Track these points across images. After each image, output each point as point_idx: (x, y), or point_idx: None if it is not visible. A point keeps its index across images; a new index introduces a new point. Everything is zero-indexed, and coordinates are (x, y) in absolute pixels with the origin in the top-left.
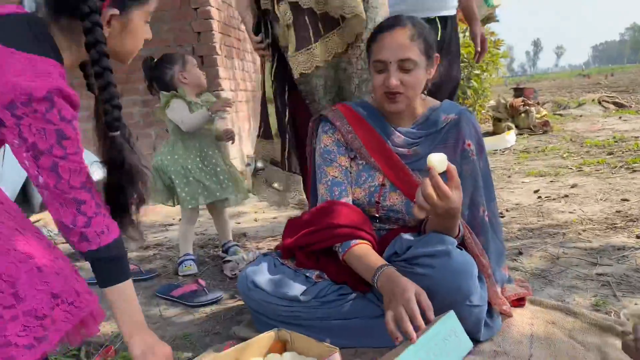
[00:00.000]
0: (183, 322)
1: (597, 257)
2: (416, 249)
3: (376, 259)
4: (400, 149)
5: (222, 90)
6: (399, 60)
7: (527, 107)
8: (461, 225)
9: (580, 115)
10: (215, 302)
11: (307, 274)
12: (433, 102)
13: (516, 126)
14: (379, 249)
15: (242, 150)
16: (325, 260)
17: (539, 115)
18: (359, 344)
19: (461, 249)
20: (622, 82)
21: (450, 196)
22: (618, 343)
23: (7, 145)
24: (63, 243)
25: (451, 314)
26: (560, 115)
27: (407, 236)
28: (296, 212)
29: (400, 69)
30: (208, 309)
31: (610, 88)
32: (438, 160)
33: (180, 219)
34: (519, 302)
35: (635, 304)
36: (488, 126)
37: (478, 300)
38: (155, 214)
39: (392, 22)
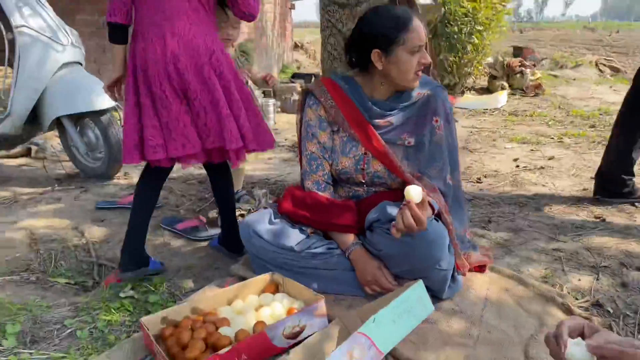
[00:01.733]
0: (186, 254)
1: (556, 232)
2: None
3: (350, 238)
4: (376, 120)
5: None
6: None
7: (523, 69)
8: (437, 203)
9: (574, 79)
10: (214, 238)
11: (303, 227)
12: None
13: (510, 86)
14: (366, 208)
15: None
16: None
17: (533, 78)
18: (340, 291)
19: (437, 221)
20: (624, 42)
21: (424, 220)
22: (557, 312)
23: (21, 55)
24: (67, 161)
25: (420, 283)
26: (555, 76)
27: (391, 207)
28: (289, 155)
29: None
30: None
31: (612, 47)
32: (415, 194)
33: None
34: (480, 268)
35: (579, 280)
36: (483, 82)
37: (446, 265)
38: None
39: (409, 13)
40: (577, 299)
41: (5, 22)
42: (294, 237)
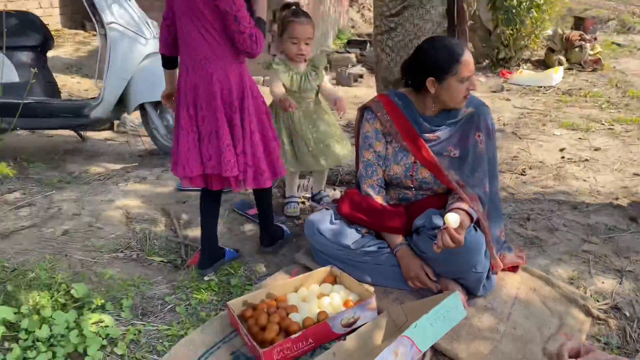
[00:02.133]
0: (257, 238)
1: (588, 233)
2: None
3: (398, 239)
4: (426, 134)
5: None
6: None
7: (582, 42)
8: (476, 212)
9: (639, 49)
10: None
11: (358, 227)
12: None
13: (567, 60)
14: (414, 212)
15: None
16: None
17: (592, 52)
18: (387, 285)
19: (476, 229)
20: None
21: (461, 239)
22: (578, 313)
23: (112, 49)
24: (145, 136)
25: (456, 294)
26: (619, 45)
27: (436, 217)
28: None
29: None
30: None
31: None
32: (453, 220)
33: None
34: (513, 268)
35: (602, 282)
36: (541, 54)
37: (481, 269)
38: None
39: (461, 46)
40: (597, 301)
41: (98, 19)
42: (351, 236)
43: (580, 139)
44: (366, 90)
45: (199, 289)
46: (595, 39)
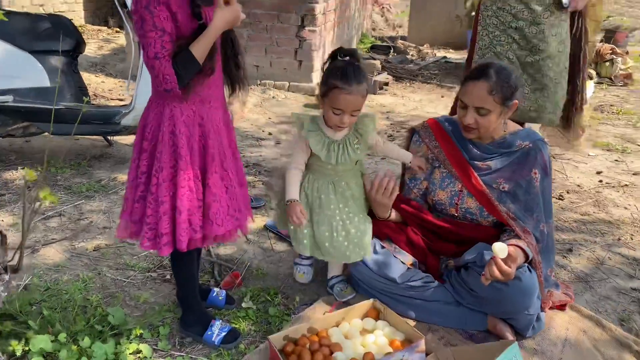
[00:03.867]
0: (291, 261)
1: (636, 268)
2: None
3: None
4: (476, 161)
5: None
6: (476, 107)
7: (614, 56)
8: (531, 249)
9: None
10: None
11: (402, 260)
12: (515, 127)
13: (597, 74)
14: (457, 239)
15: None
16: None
17: (623, 66)
18: (433, 322)
19: (530, 269)
20: None
21: (511, 272)
22: (630, 359)
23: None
24: None
25: (515, 345)
26: None
27: (488, 253)
28: None
29: (477, 112)
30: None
31: None
32: (500, 250)
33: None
34: (561, 306)
35: None
36: None
37: (533, 311)
38: (245, 121)
39: (480, 74)
40: None
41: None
42: (396, 268)
43: (616, 161)
44: (392, 99)
45: (236, 317)
46: (627, 52)
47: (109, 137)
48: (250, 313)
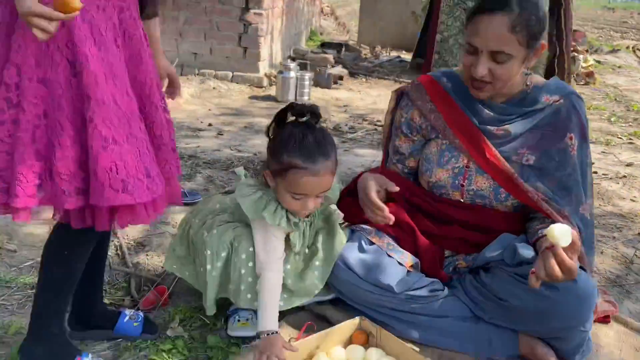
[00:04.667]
0: None
1: None
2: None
3: None
4: (488, 126)
5: None
6: (491, 52)
7: (575, 54)
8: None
9: (619, 67)
10: None
11: (399, 260)
12: (537, 80)
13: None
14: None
15: (272, 50)
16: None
17: (585, 64)
18: (445, 345)
19: (585, 270)
20: None
21: (575, 268)
22: None
23: None
24: None
25: None
26: (598, 62)
27: (523, 248)
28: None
29: (492, 59)
30: None
31: (638, 30)
32: (562, 234)
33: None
34: (604, 318)
35: None
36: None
37: (589, 326)
38: (180, 112)
39: (496, 3)
40: None
41: None
42: (392, 272)
43: (603, 152)
44: (348, 94)
45: (158, 352)
46: (587, 51)
47: None
48: (179, 344)
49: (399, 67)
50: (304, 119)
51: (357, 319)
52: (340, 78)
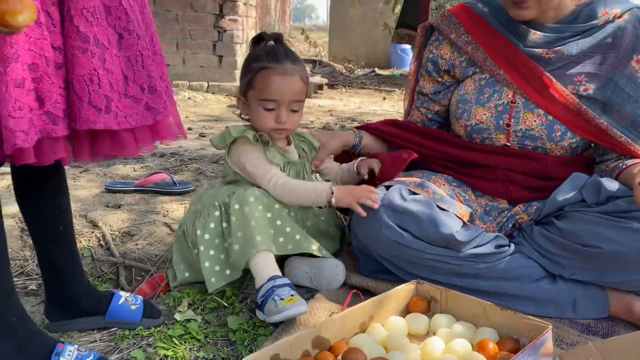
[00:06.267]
0: None
1: None
2: (629, 203)
3: None
4: (536, 49)
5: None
6: None
7: None
8: None
9: None
10: None
11: (453, 211)
12: None
13: None
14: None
15: None
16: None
17: None
18: (521, 309)
19: None
20: None
21: None
22: None
23: None
24: None
25: None
26: None
27: (609, 182)
28: None
29: None
30: None
31: None
32: None
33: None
34: None
35: None
36: None
37: None
38: None
39: None
40: None
41: None
42: (451, 224)
43: None
44: (331, 102)
45: (167, 338)
46: None
47: None
48: (192, 328)
49: (376, 79)
50: (271, 42)
51: (412, 283)
52: (320, 87)
